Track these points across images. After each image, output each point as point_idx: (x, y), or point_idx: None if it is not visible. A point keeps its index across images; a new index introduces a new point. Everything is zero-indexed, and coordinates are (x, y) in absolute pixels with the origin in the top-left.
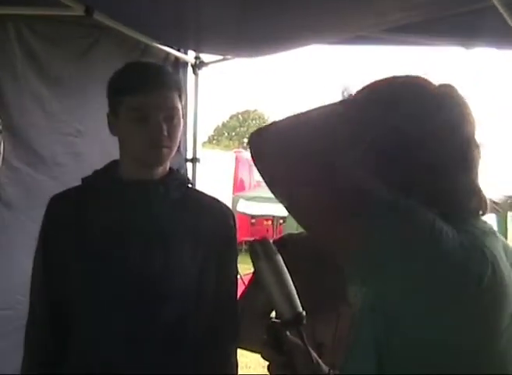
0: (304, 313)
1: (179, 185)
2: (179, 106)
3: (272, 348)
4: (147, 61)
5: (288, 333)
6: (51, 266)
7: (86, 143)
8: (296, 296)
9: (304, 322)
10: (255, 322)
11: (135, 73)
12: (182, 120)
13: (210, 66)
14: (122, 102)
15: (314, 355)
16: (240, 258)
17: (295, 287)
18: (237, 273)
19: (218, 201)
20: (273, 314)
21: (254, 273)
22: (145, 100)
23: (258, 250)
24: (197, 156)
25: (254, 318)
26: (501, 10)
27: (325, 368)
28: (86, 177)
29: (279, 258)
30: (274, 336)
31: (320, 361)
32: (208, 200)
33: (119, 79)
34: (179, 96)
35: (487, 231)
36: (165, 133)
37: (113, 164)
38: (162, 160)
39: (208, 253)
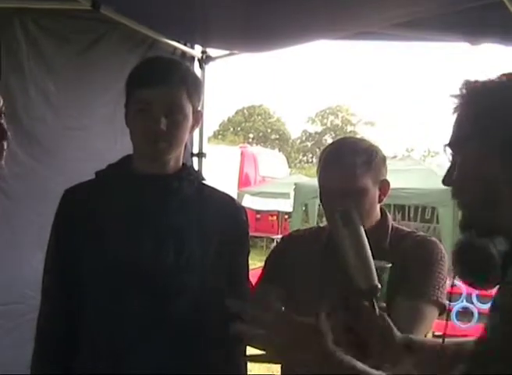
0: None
1: (192, 180)
2: (185, 103)
3: (343, 320)
4: (163, 56)
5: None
6: (64, 259)
7: (92, 137)
8: (374, 269)
9: (379, 295)
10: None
11: (144, 68)
12: (189, 117)
13: (217, 60)
14: (129, 96)
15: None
16: None
17: (301, 280)
18: (248, 268)
19: (230, 197)
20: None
21: (263, 268)
22: (146, 93)
23: (342, 217)
24: (203, 151)
25: None
26: (508, 6)
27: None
28: (99, 171)
29: (362, 229)
30: (346, 306)
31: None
32: (220, 196)
33: (132, 72)
34: (188, 93)
35: None
36: (163, 127)
37: (127, 158)
38: (160, 154)
39: (220, 248)
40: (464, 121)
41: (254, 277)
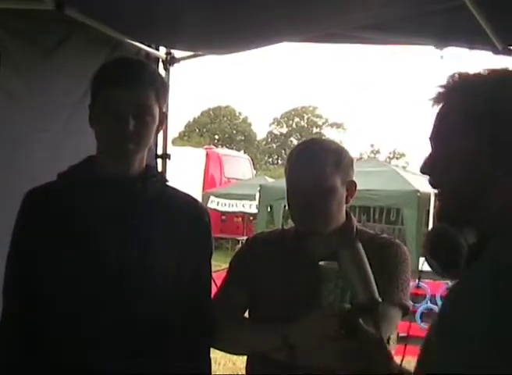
0: (381, 300)
1: (155, 182)
2: (153, 104)
3: (343, 335)
4: (131, 57)
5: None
6: (25, 262)
7: (58, 139)
8: (374, 283)
9: (379, 309)
10: (229, 321)
11: (112, 68)
12: (156, 118)
13: (181, 62)
14: (96, 96)
15: (387, 346)
16: None
17: (266, 282)
18: (211, 270)
19: (193, 198)
20: (246, 314)
21: (228, 270)
22: (115, 93)
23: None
24: (168, 152)
25: (228, 316)
26: (472, 9)
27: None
28: (62, 173)
29: (360, 245)
30: (346, 322)
31: (392, 353)
32: (183, 197)
33: (97, 73)
34: (156, 95)
35: None
36: (131, 128)
37: (89, 160)
38: (128, 155)
39: (184, 250)
40: (449, 113)
41: (219, 279)
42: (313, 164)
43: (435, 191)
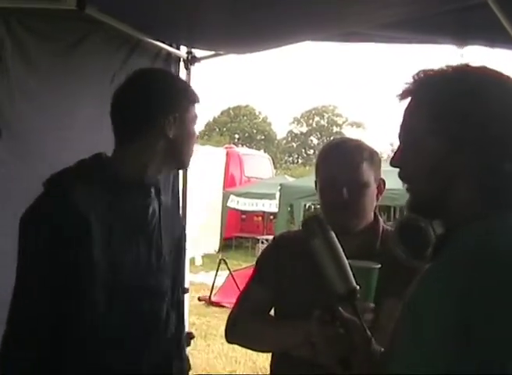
0: (358, 288)
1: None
2: None
3: (325, 324)
4: None
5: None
6: (48, 269)
7: (75, 138)
8: (350, 272)
9: (358, 296)
10: (254, 318)
11: (189, 85)
12: None
13: (202, 61)
14: (187, 109)
15: (368, 332)
16: (230, 254)
17: (289, 284)
18: None
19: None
20: (272, 312)
21: (254, 268)
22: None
23: (314, 226)
24: None
25: (253, 314)
26: (494, 8)
27: (377, 346)
28: (79, 175)
29: (333, 234)
30: (328, 311)
31: (373, 338)
32: (164, 198)
33: (183, 86)
34: None
35: None
36: None
37: (106, 162)
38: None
39: (174, 249)
40: (415, 109)
41: (239, 277)
42: (350, 159)
43: (405, 185)
